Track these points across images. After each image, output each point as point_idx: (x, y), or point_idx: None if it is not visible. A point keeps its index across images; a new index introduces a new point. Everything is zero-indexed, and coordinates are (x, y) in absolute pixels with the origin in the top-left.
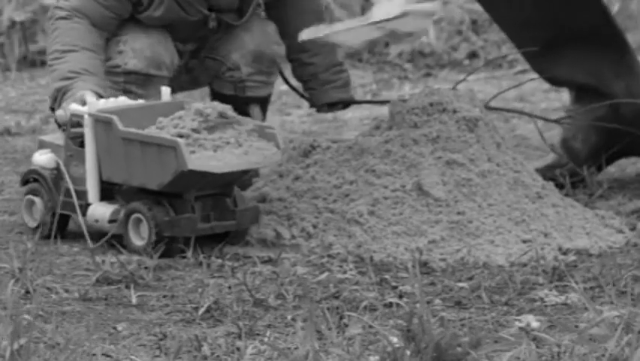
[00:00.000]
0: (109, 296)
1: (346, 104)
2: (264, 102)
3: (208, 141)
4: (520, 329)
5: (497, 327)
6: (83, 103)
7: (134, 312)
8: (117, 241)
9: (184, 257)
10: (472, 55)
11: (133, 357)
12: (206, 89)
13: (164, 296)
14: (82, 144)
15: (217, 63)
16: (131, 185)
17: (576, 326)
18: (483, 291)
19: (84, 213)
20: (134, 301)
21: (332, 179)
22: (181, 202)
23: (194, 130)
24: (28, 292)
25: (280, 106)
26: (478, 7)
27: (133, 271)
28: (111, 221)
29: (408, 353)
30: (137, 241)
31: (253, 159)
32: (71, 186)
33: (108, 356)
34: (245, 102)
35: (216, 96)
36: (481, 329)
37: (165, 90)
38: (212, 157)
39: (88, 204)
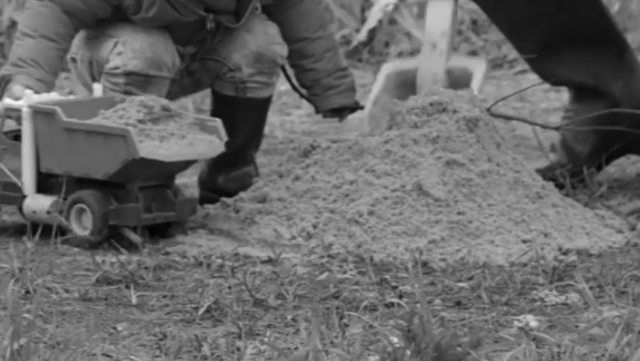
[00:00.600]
0: (109, 296)
1: (352, 109)
2: (264, 104)
3: (154, 131)
4: (520, 328)
5: (497, 327)
6: (17, 98)
7: (134, 312)
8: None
9: (184, 257)
10: (473, 55)
11: (133, 357)
12: (206, 90)
13: (164, 296)
14: (16, 137)
15: (218, 64)
16: (73, 175)
17: (576, 326)
18: (483, 291)
19: (20, 206)
20: (134, 301)
21: (332, 179)
22: (124, 192)
23: (140, 121)
24: (28, 292)
25: (280, 106)
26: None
27: (133, 271)
28: (49, 212)
29: (408, 353)
30: (80, 230)
31: (199, 149)
32: (9, 178)
33: (108, 356)
34: (245, 103)
35: (217, 97)
36: (481, 329)
37: (97, 87)
38: (159, 147)
39: (24, 197)
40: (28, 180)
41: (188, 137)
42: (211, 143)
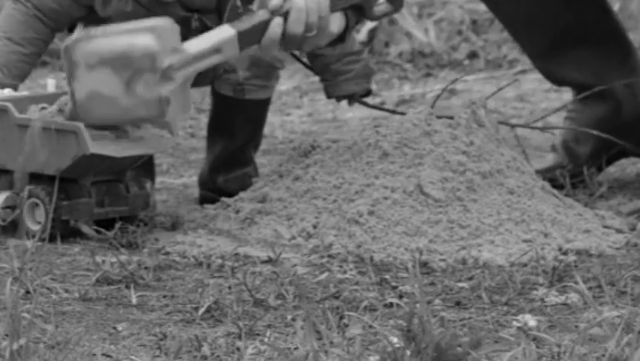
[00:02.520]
0: (109, 296)
1: (362, 95)
2: (263, 105)
3: None
4: (518, 328)
5: (497, 327)
6: None
7: (134, 312)
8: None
9: (184, 257)
10: (472, 55)
11: (133, 357)
12: (206, 88)
13: (164, 296)
14: None
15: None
16: (26, 171)
17: (576, 326)
18: (483, 291)
19: None
20: (134, 301)
21: (332, 179)
22: (77, 187)
23: None
24: (28, 292)
25: (280, 106)
26: (478, 7)
27: (133, 271)
28: (5, 207)
29: (408, 353)
30: (33, 225)
31: (150, 144)
32: None
33: (108, 356)
34: (243, 104)
35: (216, 96)
36: (481, 329)
37: (51, 82)
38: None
39: None
40: None
41: (140, 131)
42: (162, 138)
